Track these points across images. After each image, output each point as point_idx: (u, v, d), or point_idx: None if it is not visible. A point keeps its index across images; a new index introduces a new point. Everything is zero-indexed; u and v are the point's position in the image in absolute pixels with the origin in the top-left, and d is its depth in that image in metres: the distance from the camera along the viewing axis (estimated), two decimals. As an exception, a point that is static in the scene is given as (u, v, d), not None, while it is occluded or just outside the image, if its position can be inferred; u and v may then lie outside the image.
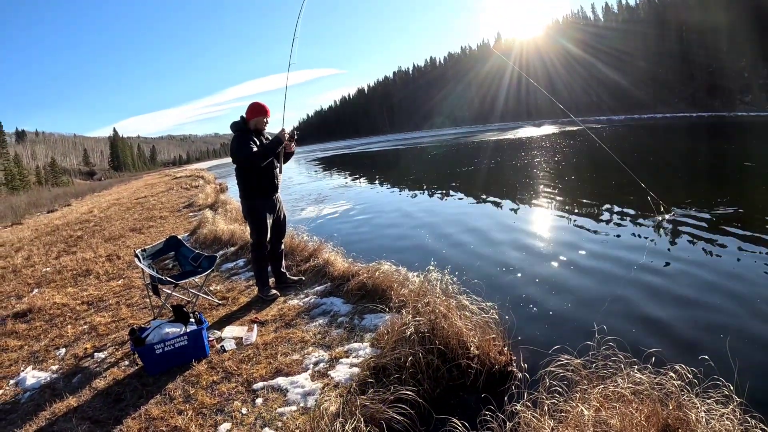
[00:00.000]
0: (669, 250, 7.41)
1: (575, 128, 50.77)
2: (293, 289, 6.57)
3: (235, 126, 6.13)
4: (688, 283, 6.03)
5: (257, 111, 6.09)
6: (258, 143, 6.06)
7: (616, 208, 10.48)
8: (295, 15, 7.12)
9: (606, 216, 9.90)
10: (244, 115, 6.14)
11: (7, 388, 4.92)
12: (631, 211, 9.99)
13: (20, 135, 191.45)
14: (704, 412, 2.87)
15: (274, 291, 6.42)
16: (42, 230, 18.13)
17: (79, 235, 14.95)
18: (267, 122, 6.21)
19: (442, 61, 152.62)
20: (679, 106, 62.36)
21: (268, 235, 6.30)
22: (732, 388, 3.03)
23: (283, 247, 6.75)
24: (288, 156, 6.46)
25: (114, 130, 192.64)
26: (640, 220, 9.19)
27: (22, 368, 5.32)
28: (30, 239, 15.92)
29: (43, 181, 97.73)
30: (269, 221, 6.25)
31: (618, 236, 8.36)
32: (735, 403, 2.93)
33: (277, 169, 6.26)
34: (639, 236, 8.25)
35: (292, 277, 6.82)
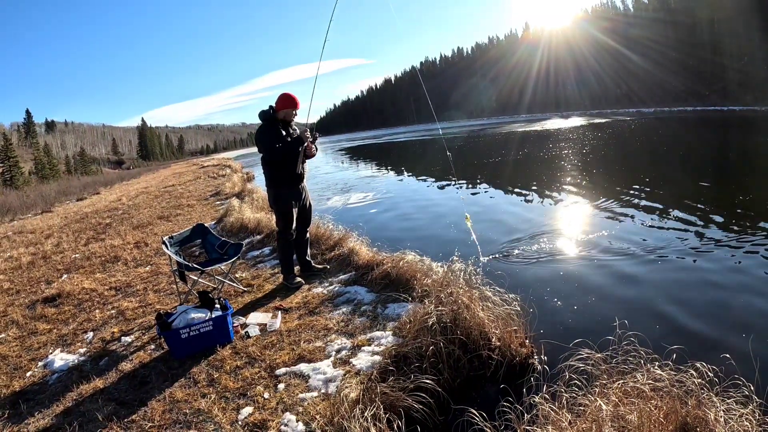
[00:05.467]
0: (695, 248, 7.32)
1: (603, 120, 50.19)
2: (318, 278, 6.63)
3: (263, 115, 6.17)
4: (712, 281, 5.97)
5: (287, 103, 6.12)
6: (284, 134, 6.11)
7: (644, 204, 10.35)
8: (321, 6, 7.13)
9: (633, 212, 9.77)
10: (274, 105, 6.17)
11: (36, 369, 5.05)
12: (660, 207, 9.88)
13: (50, 125, 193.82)
14: (723, 411, 2.85)
15: (299, 279, 6.49)
16: (71, 218, 18.46)
17: (107, 223, 15.21)
18: (296, 114, 6.24)
19: (469, 52, 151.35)
20: (710, 98, 61.13)
21: (294, 223, 6.37)
22: (752, 388, 3.00)
23: (308, 235, 6.79)
24: (307, 157, 6.47)
25: (142, 119, 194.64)
26: (669, 216, 9.09)
27: (50, 351, 5.46)
28: (59, 226, 16.22)
29: (73, 170, 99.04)
30: (294, 209, 6.31)
31: (645, 233, 8.27)
32: (755, 404, 2.91)
33: (299, 160, 6.24)
34: (665, 233, 8.16)
35: (317, 266, 6.88)
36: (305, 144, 6.12)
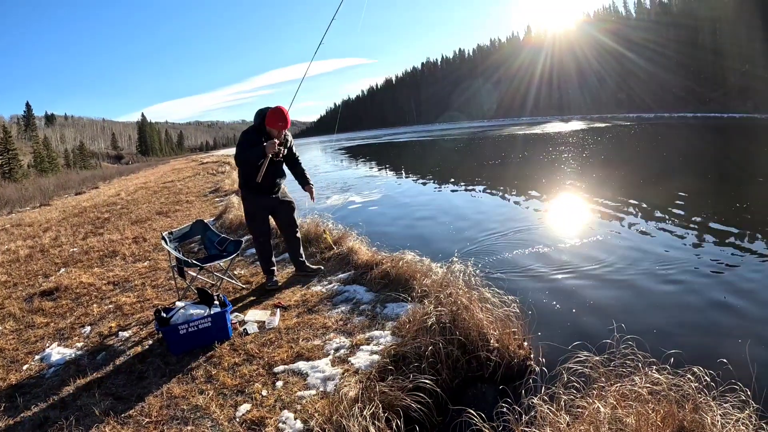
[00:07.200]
0: (693, 253, 7.33)
1: (603, 125, 50.23)
2: (316, 277, 6.64)
3: (256, 116, 6.16)
4: (711, 286, 5.97)
5: (270, 121, 5.99)
6: (263, 141, 6.03)
7: (643, 208, 10.37)
8: (323, 5, 7.11)
9: (633, 216, 9.80)
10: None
11: (33, 363, 5.04)
12: (659, 212, 9.90)
13: (49, 119, 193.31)
14: (720, 415, 2.85)
15: (275, 279, 6.50)
16: (70, 212, 18.41)
17: (106, 217, 15.18)
18: (280, 134, 6.09)
19: (470, 53, 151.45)
20: (710, 105, 61.30)
21: (256, 226, 6.47)
22: (749, 393, 3.01)
23: (298, 236, 6.74)
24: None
25: (142, 115, 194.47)
26: (667, 221, 9.10)
27: (47, 345, 5.44)
28: (58, 220, 16.18)
29: (72, 164, 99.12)
30: (255, 214, 6.40)
31: (644, 237, 8.29)
32: (751, 409, 2.91)
33: (260, 172, 6.07)
34: (665, 237, 8.17)
35: (311, 266, 6.85)
36: (267, 157, 5.98)
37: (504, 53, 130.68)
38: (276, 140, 5.99)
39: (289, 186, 6.81)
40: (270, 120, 5.97)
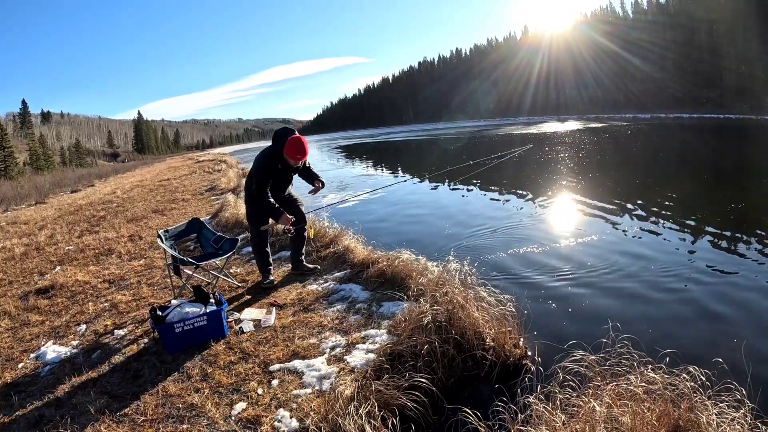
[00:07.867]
0: (688, 253, 7.34)
1: (599, 125, 50.27)
2: (312, 275, 6.63)
3: (276, 139, 6.14)
4: (706, 286, 5.98)
5: (290, 152, 5.99)
6: (280, 167, 6.10)
7: (639, 208, 10.39)
8: (322, 5, 7.09)
9: (628, 215, 9.81)
10: (287, 138, 6.03)
11: (28, 361, 5.03)
12: (655, 213, 9.91)
13: (46, 116, 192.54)
14: (715, 415, 2.85)
15: (271, 278, 6.52)
16: (65, 210, 18.36)
17: (102, 215, 15.14)
18: (296, 164, 6.16)
19: (467, 53, 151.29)
20: (706, 106, 61.42)
21: (257, 225, 6.40)
22: (744, 392, 3.01)
23: (304, 234, 6.70)
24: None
25: (138, 113, 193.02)
26: (663, 221, 9.12)
27: (43, 343, 5.43)
28: (53, 218, 16.14)
29: (68, 161, 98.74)
30: (259, 213, 6.34)
31: (639, 236, 8.29)
32: (746, 408, 2.91)
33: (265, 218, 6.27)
34: (660, 237, 8.19)
35: (307, 265, 6.84)
36: (277, 221, 6.06)
37: (501, 53, 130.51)
38: (291, 217, 6.02)
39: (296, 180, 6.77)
40: (289, 151, 5.98)
